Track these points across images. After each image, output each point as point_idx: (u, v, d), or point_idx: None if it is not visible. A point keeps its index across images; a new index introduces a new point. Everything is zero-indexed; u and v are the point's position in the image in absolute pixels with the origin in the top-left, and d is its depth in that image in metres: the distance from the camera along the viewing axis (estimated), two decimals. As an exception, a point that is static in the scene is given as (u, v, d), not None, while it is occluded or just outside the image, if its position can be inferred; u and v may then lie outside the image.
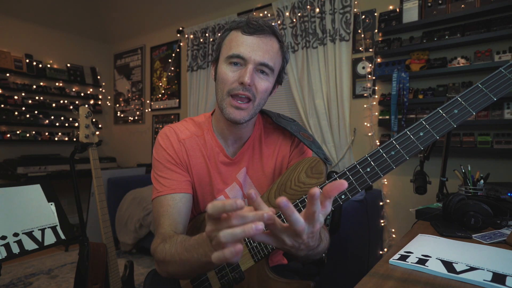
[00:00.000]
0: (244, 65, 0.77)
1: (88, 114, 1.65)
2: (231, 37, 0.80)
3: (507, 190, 1.20)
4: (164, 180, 0.83)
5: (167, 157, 0.85)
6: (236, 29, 0.79)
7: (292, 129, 0.88)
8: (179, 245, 0.68)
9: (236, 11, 3.23)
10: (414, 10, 2.21)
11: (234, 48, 0.77)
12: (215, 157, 0.88)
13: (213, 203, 0.46)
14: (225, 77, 0.79)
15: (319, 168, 0.76)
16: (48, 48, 3.90)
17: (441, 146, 1.24)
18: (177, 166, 0.85)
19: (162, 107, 3.98)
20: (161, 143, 0.87)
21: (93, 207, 2.79)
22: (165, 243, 0.73)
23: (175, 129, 0.89)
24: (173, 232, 0.77)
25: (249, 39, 0.77)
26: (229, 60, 0.78)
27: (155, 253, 0.75)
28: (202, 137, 0.90)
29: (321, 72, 2.58)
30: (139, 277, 2.41)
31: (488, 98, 0.64)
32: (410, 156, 0.66)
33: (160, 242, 0.74)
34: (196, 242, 0.64)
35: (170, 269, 0.71)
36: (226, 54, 0.79)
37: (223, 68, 0.79)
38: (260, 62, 0.77)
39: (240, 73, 0.77)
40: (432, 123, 0.66)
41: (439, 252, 0.73)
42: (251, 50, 0.76)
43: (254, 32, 0.77)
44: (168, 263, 0.70)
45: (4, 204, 1.09)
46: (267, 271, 0.80)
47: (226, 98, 0.79)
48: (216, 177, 0.88)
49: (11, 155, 3.49)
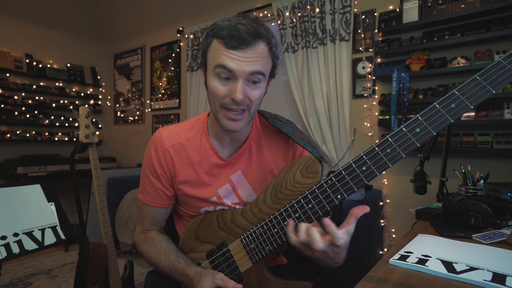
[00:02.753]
0: (234, 79, 0.74)
1: (88, 114, 1.65)
2: (214, 48, 0.75)
3: (507, 190, 1.20)
4: (146, 189, 0.92)
5: (150, 168, 0.90)
6: (218, 39, 0.74)
7: (287, 131, 0.88)
8: (163, 258, 0.87)
9: (236, 11, 3.23)
10: (414, 10, 2.21)
11: (218, 58, 0.73)
12: (209, 159, 0.88)
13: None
14: (215, 91, 0.76)
15: (314, 167, 0.75)
16: (48, 48, 3.90)
17: (441, 146, 1.24)
18: (158, 179, 0.89)
19: (162, 107, 3.98)
20: (147, 152, 0.91)
21: (93, 207, 2.79)
22: (149, 246, 0.91)
23: (163, 135, 0.89)
24: (154, 227, 0.95)
25: (233, 54, 0.72)
26: (216, 70, 0.75)
27: (136, 244, 0.96)
28: (195, 140, 0.89)
29: (321, 72, 2.58)
30: (139, 277, 2.41)
31: (487, 90, 0.61)
32: (406, 154, 0.64)
33: (144, 239, 0.94)
34: (180, 273, 0.83)
35: (150, 263, 0.91)
36: (213, 63, 0.75)
37: (212, 80, 0.76)
38: (250, 72, 0.74)
39: (231, 88, 0.74)
40: (429, 119, 0.63)
41: (439, 252, 0.73)
42: (237, 64, 0.72)
43: (237, 46, 0.72)
44: (150, 263, 0.91)
45: (4, 204, 1.09)
46: (265, 272, 0.80)
47: (220, 110, 0.78)
48: (208, 179, 0.88)
49: (11, 155, 3.49)
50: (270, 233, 0.76)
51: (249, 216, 0.81)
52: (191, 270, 0.81)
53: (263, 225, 0.77)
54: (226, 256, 0.82)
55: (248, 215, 0.81)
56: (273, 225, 0.76)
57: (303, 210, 0.72)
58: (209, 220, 0.87)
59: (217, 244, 0.84)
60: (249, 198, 0.90)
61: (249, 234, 0.79)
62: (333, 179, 0.69)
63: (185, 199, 0.90)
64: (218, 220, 0.85)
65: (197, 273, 0.80)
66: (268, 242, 0.76)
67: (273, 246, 0.76)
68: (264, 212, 0.79)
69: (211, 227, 0.86)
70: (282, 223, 0.74)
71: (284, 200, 0.76)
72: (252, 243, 0.79)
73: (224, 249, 0.83)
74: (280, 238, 0.75)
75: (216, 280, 0.76)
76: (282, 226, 0.74)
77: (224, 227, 0.84)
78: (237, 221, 0.82)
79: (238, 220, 0.82)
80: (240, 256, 0.81)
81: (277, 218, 0.75)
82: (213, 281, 0.76)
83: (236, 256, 0.81)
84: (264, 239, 0.77)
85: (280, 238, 0.75)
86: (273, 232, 0.75)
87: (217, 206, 0.89)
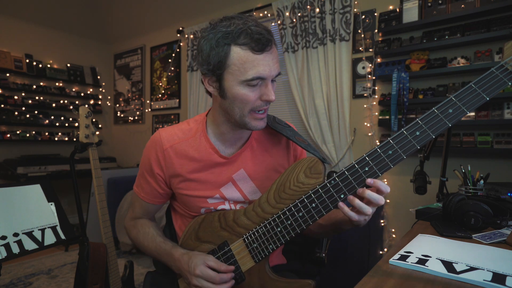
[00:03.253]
0: (263, 82, 0.76)
1: (88, 114, 1.65)
2: (238, 56, 0.73)
3: (507, 190, 1.20)
4: (141, 184, 0.96)
5: (147, 167, 0.92)
6: (241, 46, 0.73)
7: (287, 134, 0.89)
8: (151, 241, 0.92)
9: (236, 11, 3.22)
10: (414, 10, 2.21)
11: (251, 71, 0.73)
12: (209, 158, 0.88)
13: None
14: (246, 98, 0.77)
15: (317, 168, 0.76)
16: (48, 48, 3.90)
17: (441, 146, 1.24)
18: (154, 178, 0.92)
19: (162, 107, 3.98)
20: (146, 152, 0.93)
21: (93, 207, 2.79)
22: (138, 231, 0.96)
23: (163, 136, 0.89)
24: (144, 217, 1.00)
25: (262, 58, 0.73)
26: (247, 82, 0.75)
27: (126, 229, 1.02)
28: (195, 140, 0.89)
29: (321, 72, 2.58)
30: (139, 277, 2.41)
31: (481, 97, 0.66)
32: (407, 155, 0.67)
33: (133, 225, 0.99)
34: (166, 253, 0.88)
35: (139, 247, 0.97)
36: (242, 77, 0.74)
37: (241, 90, 0.76)
38: (276, 74, 0.78)
39: (261, 91, 0.77)
40: (428, 123, 0.67)
41: (439, 252, 0.73)
42: (268, 68, 0.75)
43: (264, 48, 0.73)
44: (138, 246, 0.97)
45: (4, 204, 1.09)
46: (267, 271, 0.80)
47: (247, 115, 0.79)
48: (209, 178, 0.88)
49: (11, 155, 3.48)
50: (274, 232, 0.77)
51: (251, 216, 0.81)
52: (178, 251, 0.85)
53: (266, 225, 0.78)
54: (228, 255, 0.83)
55: (250, 215, 0.82)
56: (276, 224, 0.77)
57: (306, 210, 0.73)
58: (210, 220, 0.87)
59: (218, 244, 0.84)
60: (254, 195, 0.90)
61: (251, 234, 0.80)
62: (336, 179, 0.71)
63: (185, 199, 0.90)
64: (219, 220, 0.85)
65: (184, 253, 0.84)
66: (271, 241, 0.77)
67: (276, 245, 0.77)
68: (267, 212, 0.79)
69: (212, 227, 0.86)
70: (286, 222, 0.76)
71: (287, 200, 0.77)
72: (255, 242, 0.79)
73: (226, 248, 0.83)
74: (284, 237, 0.76)
75: (209, 261, 0.79)
76: (285, 225, 0.76)
77: (226, 226, 0.84)
78: (239, 221, 0.82)
79: (240, 220, 0.82)
80: (242, 255, 0.81)
81: (281, 217, 0.76)
82: (205, 261, 0.79)
83: (238, 255, 0.82)
84: (267, 238, 0.78)
85: (284, 237, 0.76)
86: (276, 231, 0.77)
87: (218, 205, 0.89)
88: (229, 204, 0.90)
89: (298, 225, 0.74)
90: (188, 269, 0.80)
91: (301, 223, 0.74)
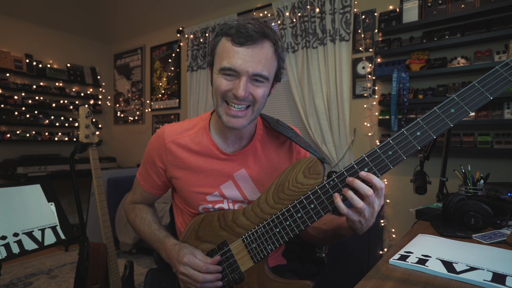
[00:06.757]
0: (238, 77, 0.77)
1: (88, 114, 1.65)
2: (222, 45, 0.78)
3: (507, 190, 1.20)
4: (143, 175, 0.99)
5: (150, 160, 0.95)
6: (227, 36, 0.77)
7: (289, 135, 0.89)
8: (146, 227, 0.97)
9: (236, 11, 3.23)
10: (414, 10, 2.21)
11: (226, 60, 0.76)
12: (210, 154, 0.89)
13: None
14: (219, 86, 0.78)
15: (316, 168, 0.76)
16: (48, 48, 3.90)
17: (441, 146, 1.24)
18: (155, 171, 0.95)
19: (162, 107, 3.98)
20: (150, 145, 0.96)
21: (93, 207, 2.79)
22: (136, 215, 1.01)
23: (167, 130, 0.92)
24: (143, 202, 1.04)
25: (240, 51, 0.75)
26: (222, 72, 0.78)
27: (125, 210, 1.07)
28: (197, 136, 0.91)
29: (321, 72, 2.58)
30: (139, 277, 2.41)
31: (485, 97, 0.64)
32: (407, 156, 0.66)
33: (132, 208, 1.03)
34: (159, 241, 0.92)
35: (134, 230, 1.01)
36: (219, 65, 0.78)
37: (217, 78, 0.79)
38: (253, 73, 0.76)
39: (234, 84, 0.77)
40: (429, 123, 0.66)
41: (439, 252, 0.73)
42: (242, 62, 0.75)
43: (244, 42, 0.74)
44: (134, 230, 1.01)
45: (4, 204, 1.09)
46: (266, 271, 0.80)
47: (221, 104, 0.81)
48: (210, 174, 0.89)
49: (11, 155, 3.48)
50: (272, 232, 0.77)
51: (250, 216, 0.81)
52: (170, 241, 0.89)
53: (265, 225, 0.78)
54: (227, 255, 0.83)
55: (249, 215, 0.81)
56: (275, 224, 0.76)
57: (305, 210, 0.73)
58: (210, 219, 0.87)
59: (218, 243, 0.84)
60: (253, 196, 0.91)
61: (250, 234, 0.80)
62: (335, 180, 0.71)
63: (185, 193, 0.91)
64: (219, 220, 0.85)
65: (176, 244, 0.88)
66: (270, 242, 0.77)
67: (274, 246, 0.77)
68: (266, 212, 0.79)
69: (212, 227, 0.86)
70: (284, 223, 0.75)
71: (286, 201, 0.77)
72: (254, 242, 0.79)
73: (225, 248, 0.83)
74: (282, 238, 0.76)
75: (197, 254, 0.83)
76: (284, 225, 0.75)
77: (225, 226, 0.84)
78: (238, 221, 0.82)
79: (239, 220, 0.82)
80: (241, 255, 0.81)
81: (279, 218, 0.76)
82: (193, 252, 0.83)
83: (237, 255, 0.82)
84: (266, 238, 0.78)
85: (282, 238, 0.76)
86: (275, 232, 0.76)
87: (217, 204, 0.89)
88: (228, 203, 0.90)
89: (297, 226, 0.74)
90: (177, 257, 0.83)
91: (299, 224, 0.74)
